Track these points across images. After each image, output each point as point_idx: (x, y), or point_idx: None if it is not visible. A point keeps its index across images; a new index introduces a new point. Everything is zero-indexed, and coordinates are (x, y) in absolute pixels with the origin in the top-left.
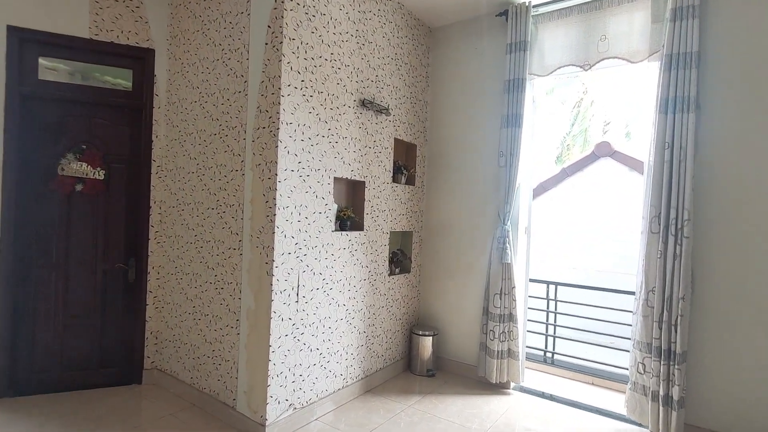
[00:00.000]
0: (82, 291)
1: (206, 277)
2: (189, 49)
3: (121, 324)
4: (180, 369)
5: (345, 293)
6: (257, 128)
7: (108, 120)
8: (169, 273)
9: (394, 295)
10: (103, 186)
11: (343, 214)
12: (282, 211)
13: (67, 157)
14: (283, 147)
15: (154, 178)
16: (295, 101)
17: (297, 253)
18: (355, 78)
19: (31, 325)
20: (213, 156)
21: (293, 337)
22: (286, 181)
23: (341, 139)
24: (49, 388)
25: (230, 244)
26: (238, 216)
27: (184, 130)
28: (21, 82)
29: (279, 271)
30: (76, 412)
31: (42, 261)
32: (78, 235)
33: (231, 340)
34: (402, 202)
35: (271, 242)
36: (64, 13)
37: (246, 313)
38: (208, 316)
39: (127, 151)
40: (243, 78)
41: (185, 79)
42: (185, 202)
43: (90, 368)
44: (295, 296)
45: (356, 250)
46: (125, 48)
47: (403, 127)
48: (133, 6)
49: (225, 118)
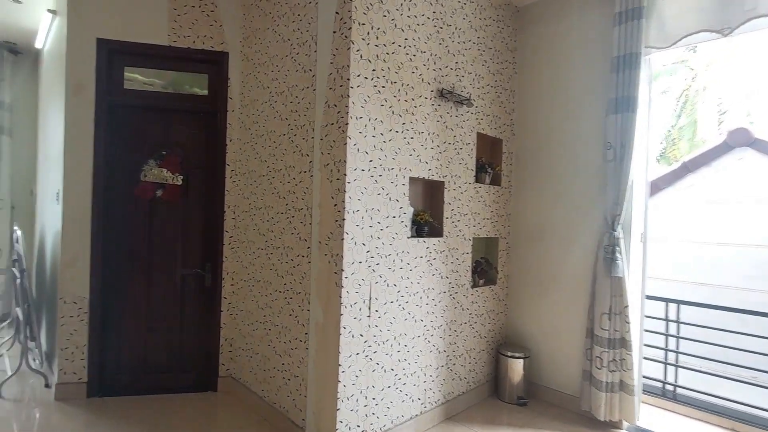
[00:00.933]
0: (163, 295)
1: (276, 285)
2: (260, 49)
3: (198, 329)
4: (252, 380)
5: (422, 307)
6: (325, 125)
7: (186, 126)
8: (242, 279)
9: (477, 309)
10: (181, 191)
11: (420, 219)
12: (352, 215)
13: (149, 164)
14: (352, 144)
15: (228, 182)
16: (366, 93)
17: (369, 262)
18: (432, 66)
19: (117, 328)
20: (282, 157)
21: (365, 356)
22: (356, 182)
23: (417, 134)
24: (132, 390)
25: (299, 251)
26: (306, 221)
27: (256, 132)
28: (109, 92)
29: (349, 282)
30: (155, 418)
31: (127, 266)
32: (159, 240)
33: (300, 355)
34: (486, 204)
35: (340, 250)
36: (145, 23)
37: (315, 327)
38: (278, 326)
39: (203, 155)
40: (311, 72)
41: (256, 80)
42: (257, 206)
43: (170, 372)
44: (366, 310)
45: (435, 259)
46: (201, 52)
47: (487, 120)
48: (208, 10)
49: (293, 117)
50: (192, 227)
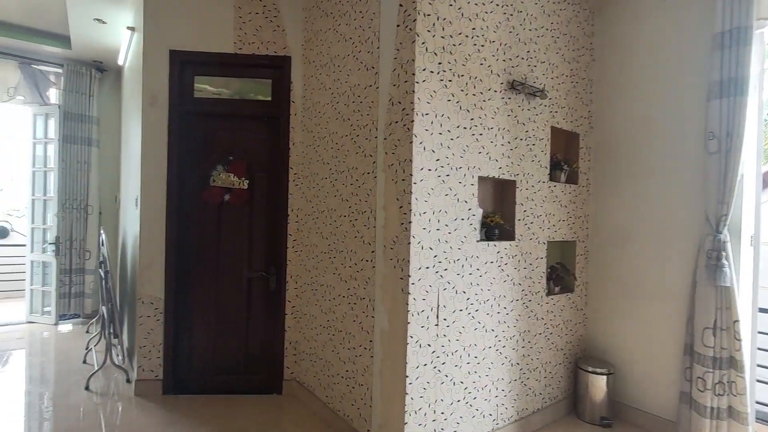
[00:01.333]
0: (231, 297)
1: (339, 290)
2: (321, 51)
3: (263, 332)
4: (316, 384)
5: (493, 316)
6: (389, 123)
7: (251, 131)
8: (306, 283)
9: (553, 319)
10: (247, 195)
11: (490, 221)
12: (418, 218)
13: (217, 169)
14: (418, 142)
15: (291, 185)
16: (432, 88)
17: (436, 268)
18: (501, 56)
19: (189, 328)
20: (345, 159)
21: (433, 367)
22: (423, 183)
23: (486, 130)
24: (203, 389)
25: (363, 255)
26: (370, 224)
27: (318, 134)
28: (181, 101)
29: (416, 289)
30: (223, 418)
31: (199, 268)
32: (227, 244)
33: (364, 363)
34: (562, 204)
35: (406, 254)
36: (213, 32)
37: (380, 335)
38: (341, 332)
39: (268, 159)
40: (374, 70)
41: (318, 82)
42: (319, 209)
43: (237, 373)
44: (434, 318)
45: (506, 264)
46: (265, 58)
47: (562, 113)
48: (271, 16)
49: (356, 117)
50: (257, 231)
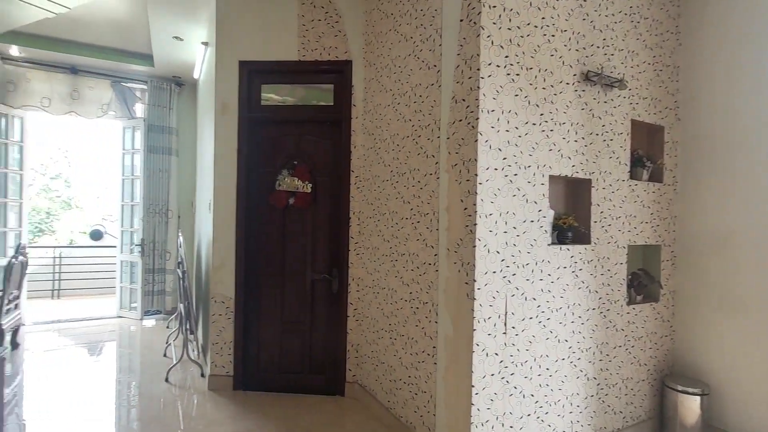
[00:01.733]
0: (295, 298)
1: (401, 293)
2: (382, 52)
3: (326, 333)
4: (378, 389)
5: (567, 325)
6: (452, 122)
7: (314, 135)
8: (367, 286)
9: (635, 331)
10: (310, 198)
11: (563, 223)
12: (484, 219)
13: (283, 173)
14: (483, 141)
15: (352, 188)
16: (498, 83)
17: (503, 272)
18: (574, 45)
19: (257, 327)
20: (406, 160)
21: (501, 378)
22: (489, 183)
23: (558, 125)
24: (269, 387)
25: (425, 259)
26: (433, 226)
27: (379, 136)
28: (249, 109)
29: (481, 294)
30: (289, 417)
31: (266, 269)
32: (291, 246)
33: (428, 369)
34: (644, 205)
35: (471, 258)
36: (278, 42)
37: (444, 341)
38: (403, 336)
39: (330, 163)
40: (436, 68)
41: (379, 84)
42: (381, 212)
43: (302, 373)
44: (502, 326)
45: (581, 270)
46: (327, 63)
47: (644, 104)
48: (332, 22)
49: (417, 117)
50: (320, 233)
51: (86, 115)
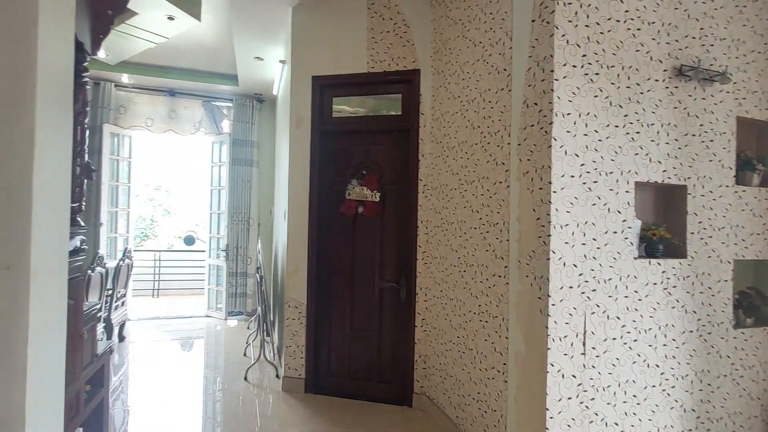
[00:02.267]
0: (364, 306)
1: (470, 305)
2: (450, 59)
3: (394, 342)
4: (446, 402)
5: (658, 349)
6: (524, 128)
7: (383, 145)
8: (435, 296)
9: (745, 359)
10: (379, 207)
11: (652, 235)
12: (559, 230)
13: (352, 183)
14: (558, 146)
15: (420, 197)
16: (574, 84)
17: (582, 288)
18: (664, 38)
19: (327, 333)
20: (475, 168)
21: (579, 402)
22: (564, 191)
23: (645, 127)
24: (338, 392)
25: (495, 270)
26: (503, 237)
27: (447, 144)
28: (321, 121)
29: (557, 311)
30: (357, 424)
31: (336, 276)
32: (360, 254)
33: (498, 387)
34: (755, 214)
35: (544, 271)
36: (349, 55)
37: (515, 358)
38: (472, 351)
39: (398, 172)
40: (506, 72)
41: (447, 92)
42: (449, 221)
43: (370, 381)
44: (580, 346)
45: (675, 287)
46: (395, 73)
47: (753, 99)
48: (401, 32)
49: (486, 123)
50: (388, 242)
51: (181, 132)
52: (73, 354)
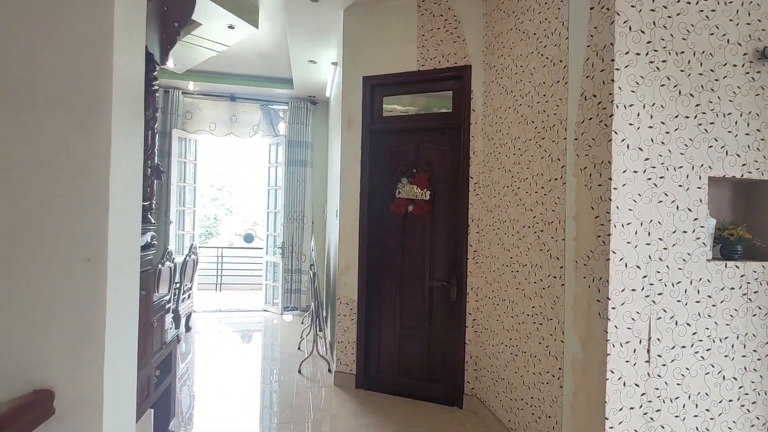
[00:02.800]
0: (413, 305)
1: (522, 306)
2: (502, 53)
3: (444, 342)
4: (498, 406)
5: (736, 360)
6: (581, 121)
7: (433, 143)
8: (486, 296)
9: None
10: (429, 206)
11: (729, 235)
12: (620, 229)
13: (402, 181)
14: (619, 140)
15: (471, 195)
16: (638, 73)
17: (646, 291)
18: (744, 18)
19: (377, 330)
20: (528, 165)
21: (643, 413)
22: (626, 188)
23: (721, 117)
24: (388, 389)
25: (550, 271)
26: (558, 236)
27: (499, 141)
28: (371, 121)
29: (617, 315)
30: (407, 422)
31: (386, 274)
32: (410, 252)
33: (552, 393)
34: None
35: (604, 273)
36: (398, 54)
37: (571, 363)
38: (525, 354)
39: (449, 170)
40: (561, 64)
41: (499, 87)
42: (501, 219)
43: (420, 380)
44: (644, 353)
45: (756, 293)
46: (445, 70)
47: None
48: (451, 28)
49: (541, 117)
50: (438, 241)
51: (241, 135)
52: (144, 341)
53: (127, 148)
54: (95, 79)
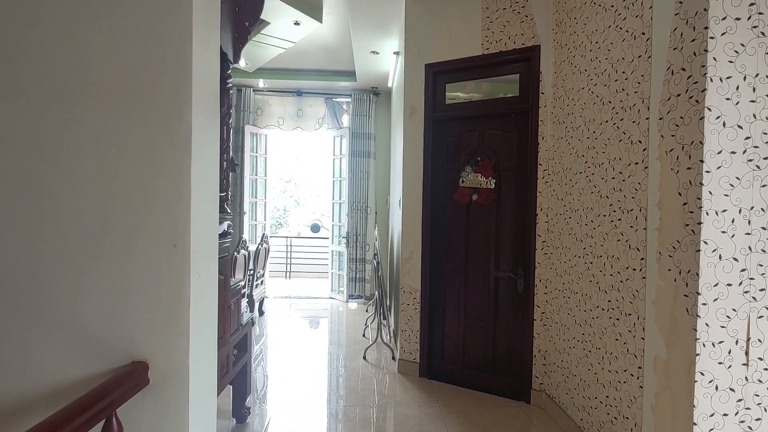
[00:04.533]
0: (478, 295)
1: (597, 300)
2: (575, 30)
3: (510, 335)
4: (568, 403)
5: None
6: (667, 98)
7: (498, 129)
8: (556, 288)
9: None
10: (494, 195)
11: None
12: (713, 217)
13: (466, 170)
14: (714, 117)
15: (540, 183)
16: (737, 41)
17: (744, 286)
18: None
19: (441, 320)
20: (604, 149)
21: (740, 421)
22: (721, 171)
23: None
24: (452, 379)
25: (628, 263)
26: (638, 225)
27: (571, 124)
28: (434, 109)
29: (709, 312)
30: (472, 413)
31: (449, 264)
32: (474, 242)
33: (631, 392)
34: None
35: (693, 265)
36: (462, 39)
37: (653, 362)
38: (600, 350)
39: (515, 157)
40: (644, 36)
41: (571, 66)
42: (572, 208)
43: (485, 371)
44: (741, 355)
45: None
46: (512, 53)
47: None
48: (518, 7)
49: (619, 97)
50: (504, 230)
51: (307, 128)
52: (223, 321)
53: (206, 142)
54: (176, 78)
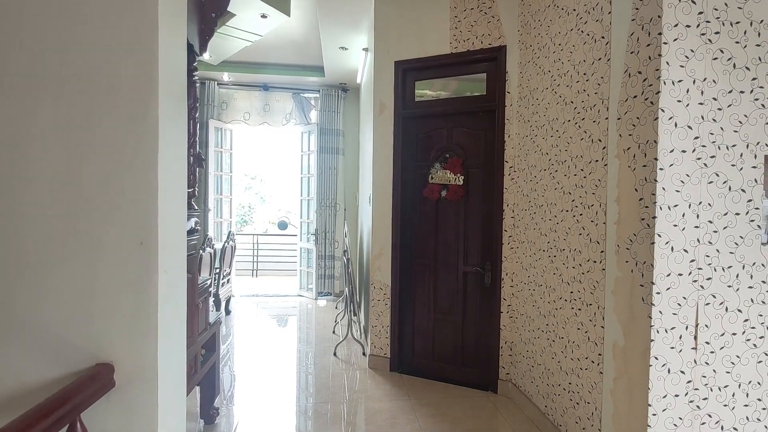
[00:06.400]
0: (446, 289)
1: (560, 292)
2: (540, 31)
3: (478, 327)
4: (533, 391)
5: None
6: (625, 100)
7: (466, 127)
8: (522, 282)
9: None
10: (462, 191)
11: None
12: (666, 212)
13: (435, 166)
14: (666, 118)
15: (506, 179)
16: (688, 47)
17: (694, 275)
18: None
19: (411, 315)
20: (566, 147)
21: (689, 401)
22: (673, 168)
23: None
24: (423, 372)
25: (589, 255)
26: (598, 219)
27: (535, 123)
28: (403, 106)
29: (662, 300)
30: (441, 405)
31: (419, 260)
32: (443, 238)
33: (591, 379)
34: None
35: (648, 256)
36: (430, 37)
37: (611, 349)
38: (563, 339)
39: (483, 154)
40: (603, 40)
41: (536, 67)
42: (537, 203)
43: (454, 364)
44: (690, 339)
45: None
46: (479, 52)
47: None
48: (485, 8)
49: (581, 98)
50: (472, 226)
51: (274, 124)
52: (191, 320)
53: (173, 136)
54: (142, 70)
